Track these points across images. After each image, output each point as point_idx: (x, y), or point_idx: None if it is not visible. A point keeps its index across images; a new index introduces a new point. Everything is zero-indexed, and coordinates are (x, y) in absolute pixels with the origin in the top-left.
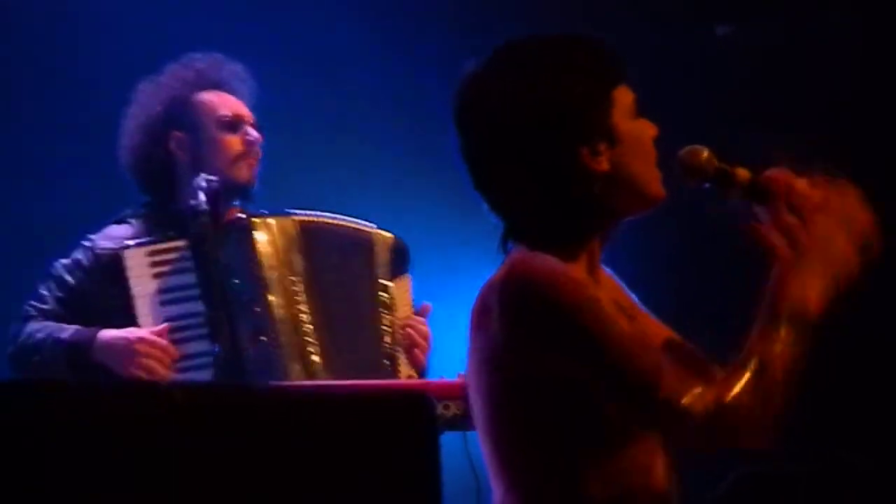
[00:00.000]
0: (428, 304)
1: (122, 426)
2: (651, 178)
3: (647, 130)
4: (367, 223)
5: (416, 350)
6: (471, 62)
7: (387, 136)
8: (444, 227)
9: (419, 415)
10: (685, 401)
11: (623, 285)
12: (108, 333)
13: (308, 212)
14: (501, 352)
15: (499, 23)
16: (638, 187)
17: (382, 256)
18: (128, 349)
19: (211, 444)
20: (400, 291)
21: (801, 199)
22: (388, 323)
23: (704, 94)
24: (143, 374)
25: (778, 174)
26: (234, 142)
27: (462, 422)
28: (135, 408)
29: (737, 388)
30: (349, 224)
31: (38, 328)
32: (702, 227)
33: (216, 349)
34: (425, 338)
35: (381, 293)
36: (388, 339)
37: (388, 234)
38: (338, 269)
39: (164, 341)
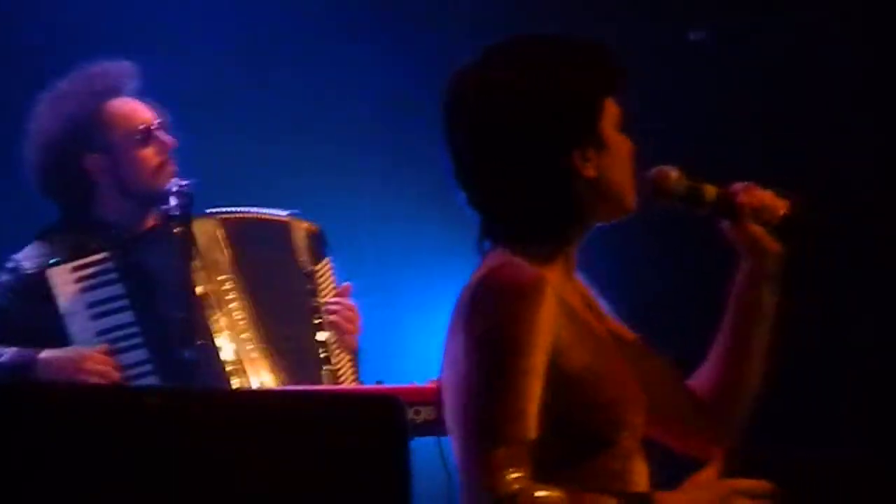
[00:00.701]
0: (348, 283)
1: (121, 427)
2: (628, 190)
3: (627, 144)
4: (281, 212)
5: (347, 335)
6: (466, 56)
7: (365, 137)
8: (423, 231)
9: (390, 418)
10: (497, 478)
11: (595, 291)
12: (49, 352)
13: (225, 209)
14: (463, 356)
15: (491, 21)
16: (615, 196)
17: (301, 242)
18: (73, 365)
19: (187, 448)
20: (322, 275)
21: (766, 210)
22: (316, 308)
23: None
24: None
25: (743, 188)
26: (150, 155)
27: (433, 427)
28: (127, 410)
29: (544, 494)
30: (265, 215)
31: None
32: (670, 236)
33: (187, 355)
34: (352, 320)
35: (306, 279)
36: (319, 324)
37: (303, 221)
38: (263, 262)
39: (106, 356)
